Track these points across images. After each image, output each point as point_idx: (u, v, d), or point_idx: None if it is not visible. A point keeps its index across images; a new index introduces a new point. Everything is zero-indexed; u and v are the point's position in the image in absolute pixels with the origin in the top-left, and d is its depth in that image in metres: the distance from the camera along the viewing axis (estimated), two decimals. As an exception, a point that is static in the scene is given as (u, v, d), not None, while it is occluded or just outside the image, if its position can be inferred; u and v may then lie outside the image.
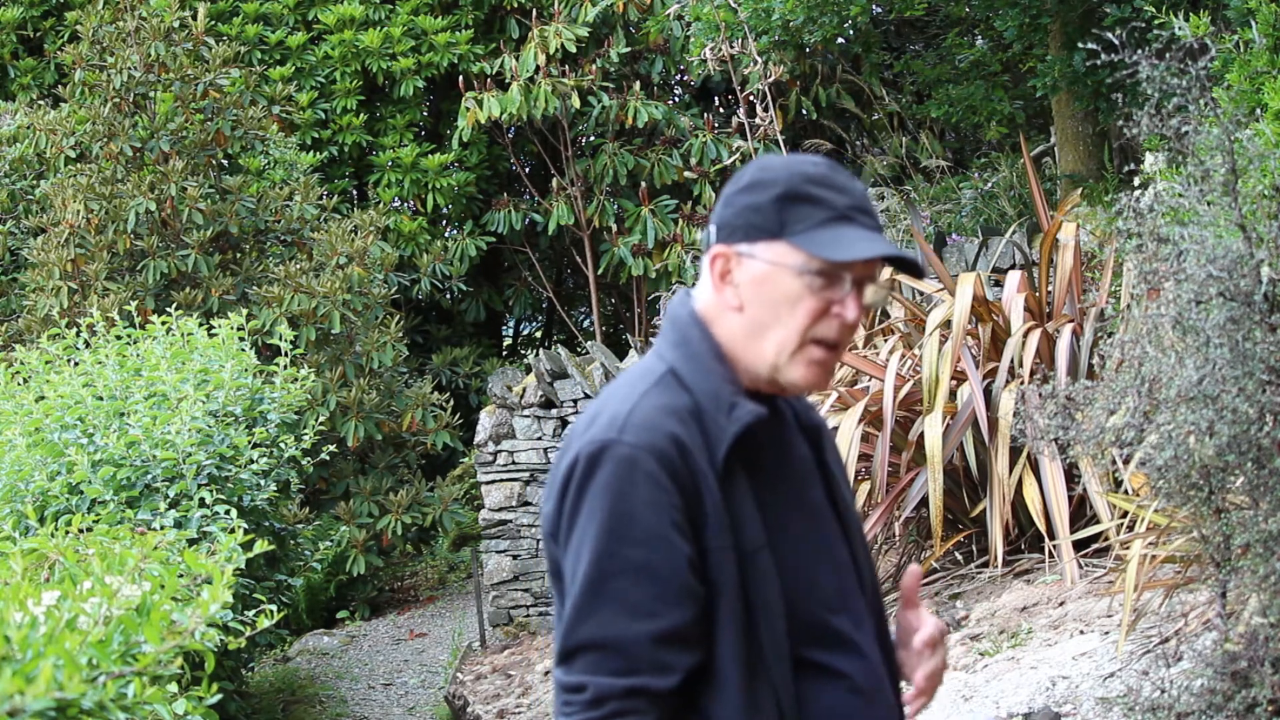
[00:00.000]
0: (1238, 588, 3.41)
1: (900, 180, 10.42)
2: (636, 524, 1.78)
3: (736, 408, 1.85)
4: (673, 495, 1.80)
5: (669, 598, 1.78)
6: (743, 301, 1.87)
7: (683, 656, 1.79)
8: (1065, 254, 5.97)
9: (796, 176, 1.86)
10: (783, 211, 1.85)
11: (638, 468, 1.79)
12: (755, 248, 1.86)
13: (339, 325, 9.39)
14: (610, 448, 1.81)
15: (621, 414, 1.84)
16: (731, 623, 1.81)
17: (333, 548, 9.12)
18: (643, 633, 1.77)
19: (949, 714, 4.52)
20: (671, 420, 1.83)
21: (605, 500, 1.80)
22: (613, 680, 1.77)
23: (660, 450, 1.80)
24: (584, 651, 1.79)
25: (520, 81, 10.83)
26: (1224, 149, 3.32)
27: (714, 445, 1.84)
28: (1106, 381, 3.57)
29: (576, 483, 1.83)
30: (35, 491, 5.40)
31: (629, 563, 1.78)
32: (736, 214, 1.88)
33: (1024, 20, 7.85)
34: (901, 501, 5.71)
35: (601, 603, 1.78)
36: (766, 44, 8.85)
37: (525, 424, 8.68)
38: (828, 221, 1.84)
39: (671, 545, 1.79)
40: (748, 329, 1.88)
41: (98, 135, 9.76)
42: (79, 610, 2.21)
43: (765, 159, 1.91)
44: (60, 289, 9.27)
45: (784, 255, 1.85)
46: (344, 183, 12.16)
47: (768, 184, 1.86)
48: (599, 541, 1.79)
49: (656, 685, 1.78)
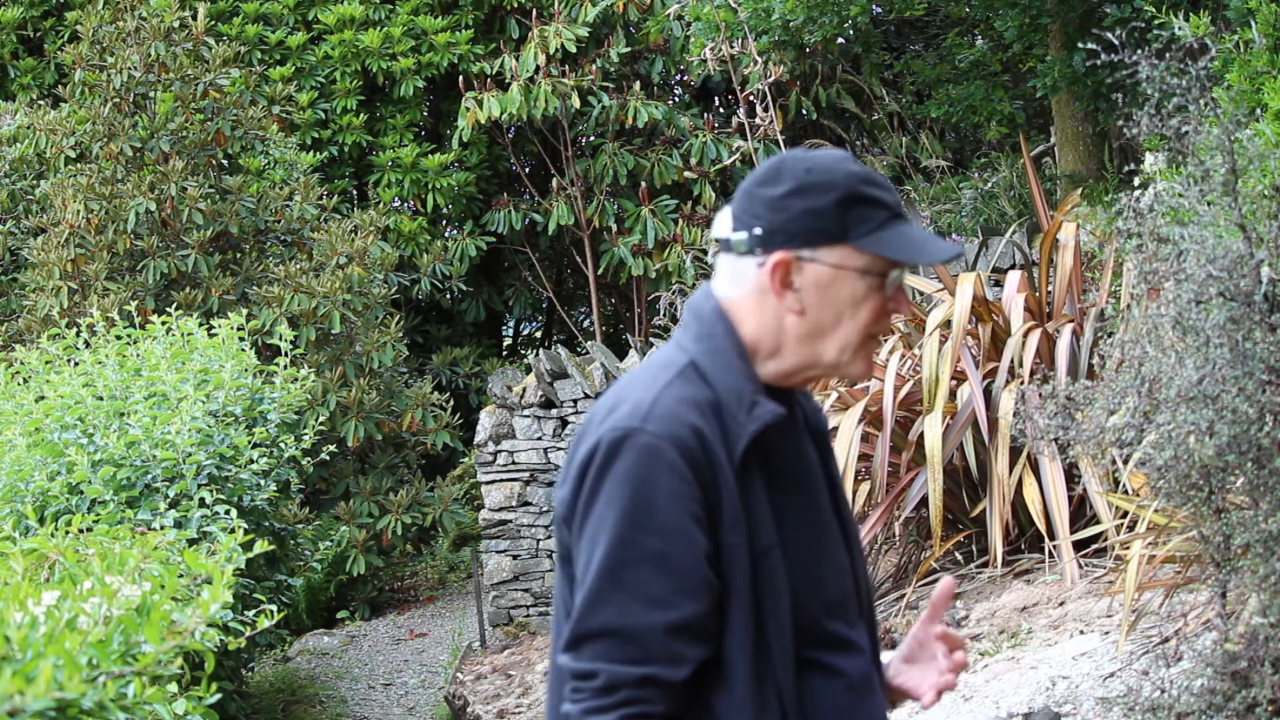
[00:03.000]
0: (1238, 588, 3.41)
1: (900, 180, 10.42)
2: (657, 513, 1.79)
3: (757, 406, 1.86)
4: (693, 487, 1.80)
5: (686, 589, 1.78)
6: (805, 305, 1.88)
7: (695, 649, 1.80)
8: (1065, 254, 5.97)
9: (852, 178, 1.86)
10: (845, 215, 1.85)
11: (660, 457, 1.80)
12: (818, 252, 1.86)
13: (339, 325, 9.39)
14: (633, 436, 1.81)
15: (645, 403, 1.84)
16: (741, 619, 1.82)
17: (333, 548, 9.13)
18: (658, 623, 1.77)
19: (949, 714, 4.52)
20: (693, 412, 1.83)
21: (626, 488, 1.80)
22: (626, 669, 1.77)
23: (683, 441, 1.81)
24: (597, 638, 1.79)
25: (520, 81, 10.83)
26: (1224, 149, 3.32)
27: (732, 441, 1.84)
28: (1106, 381, 3.57)
29: (596, 469, 1.82)
30: (35, 491, 5.40)
31: (647, 552, 1.78)
32: (793, 219, 1.86)
33: (1024, 20, 7.85)
34: (901, 501, 5.71)
35: (617, 590, 1.78)
36: (766, 44, 8.85)
37: (525, 424, 8.68)
38: (887, 222, 1.87)
39: (691, 537, 1.79)
40: (806, 330, 1.88)
41: (98, 135, 9.76)
42: (79, 610, 2.21)
43: (812, 160, 1.89)
44: (60, 289, 9.27)
45: (849, 258, 1.86)
46: (344, 183, 12.15)
47: (824, 187, 1.86)
48: (617, 529, 1.79)
49: (668, 676, 1.78)
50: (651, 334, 11.09)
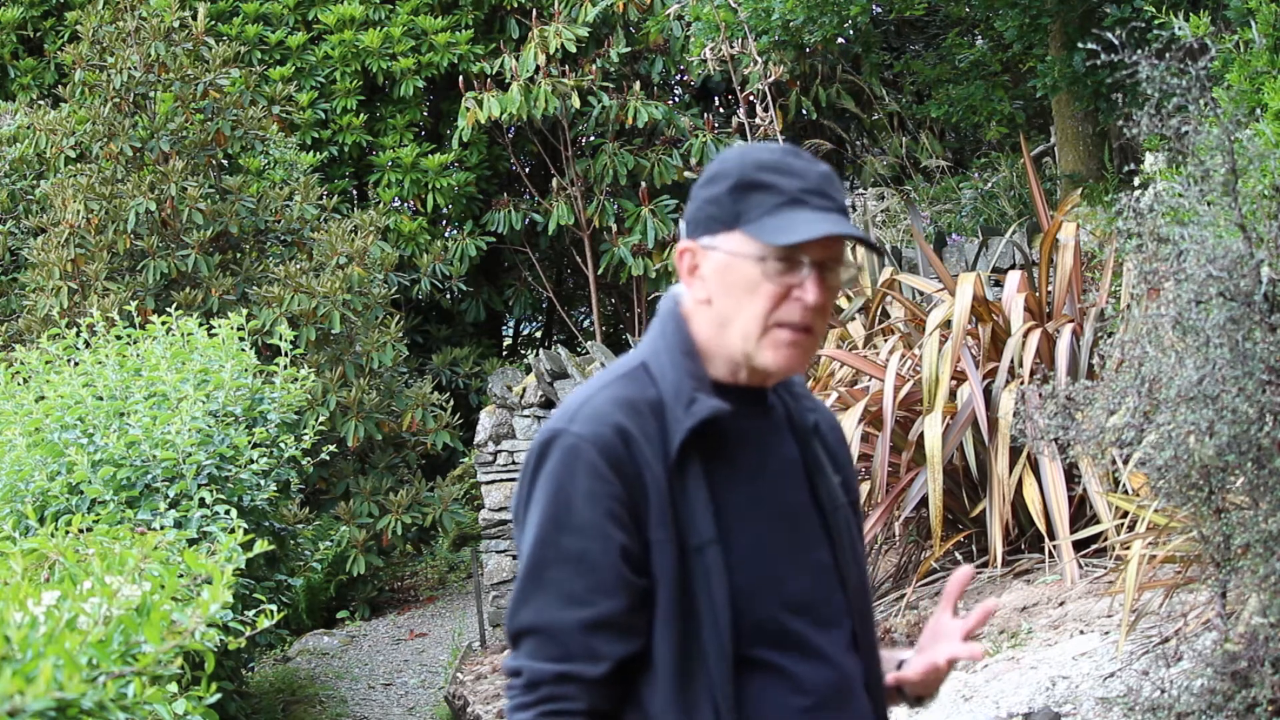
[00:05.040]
0: (1238, 588, 3.41)
1: (900, 180, 10.43)
2: (574, 513, 1.81)
3: (695, 403, 1.86)
4: (612, 485, 1.82)
5: (602, 586, 1.80)
6: (710, 294, 1.89)
7: (614, 645, 1.81)
8: (1065, 254, 5.97)
9: (749, 165, 1.87)
10: (737, 201, 1.86)
11: (579, 457, 1.82)
12: (715, 239, 1.87)
13: (339, 325, 9.39)
14: (559, 437, 1.84)
15: (575, 404, 1.87)
16: (668, 616, 1.82)
17: (333, 548, 9.13)
18: (574, 620, 1.80)
19: (949, 714, 4.52)
20: (620, 412, 1.85)
21: (549, 488, 1.83)
22: (545, 665, 1.80)
23: (603, 440, 1.82)
24: (523, 635, 1.83)
25: (520, 81, 10.83)
26: (1224, 149, 3.32)
27: (671, 438, 1.85)
28: (1106, 381, 3.57)
29: (529, 469, 1.87)
30: (35, 491, 5.40)
31: (565, 551, 1.81)
32: (699, 208, 1.90)
33: (1024, 20, 7.85)
34: (901, 501, 5.71)
35: (539, 589, 1.82)
36: (766, 44, 8.85)
37: (525, 424, 8.68)
38: (778, 207, 1.85)
39: (606, 535, 1.81)
40: (717, 320, 1.89)
41: (98, 135, 9.76)
42: (79, 610, 2.21)
43: (726, 152, 1.92)
44: (60, 289, 9.27)
45: (740, 244, 1.86)
46: (344, 183, 12.16)
47: (723, 176, 1.88)
48: (540, 528, 1.83)
49: (586, 673, 1.80)
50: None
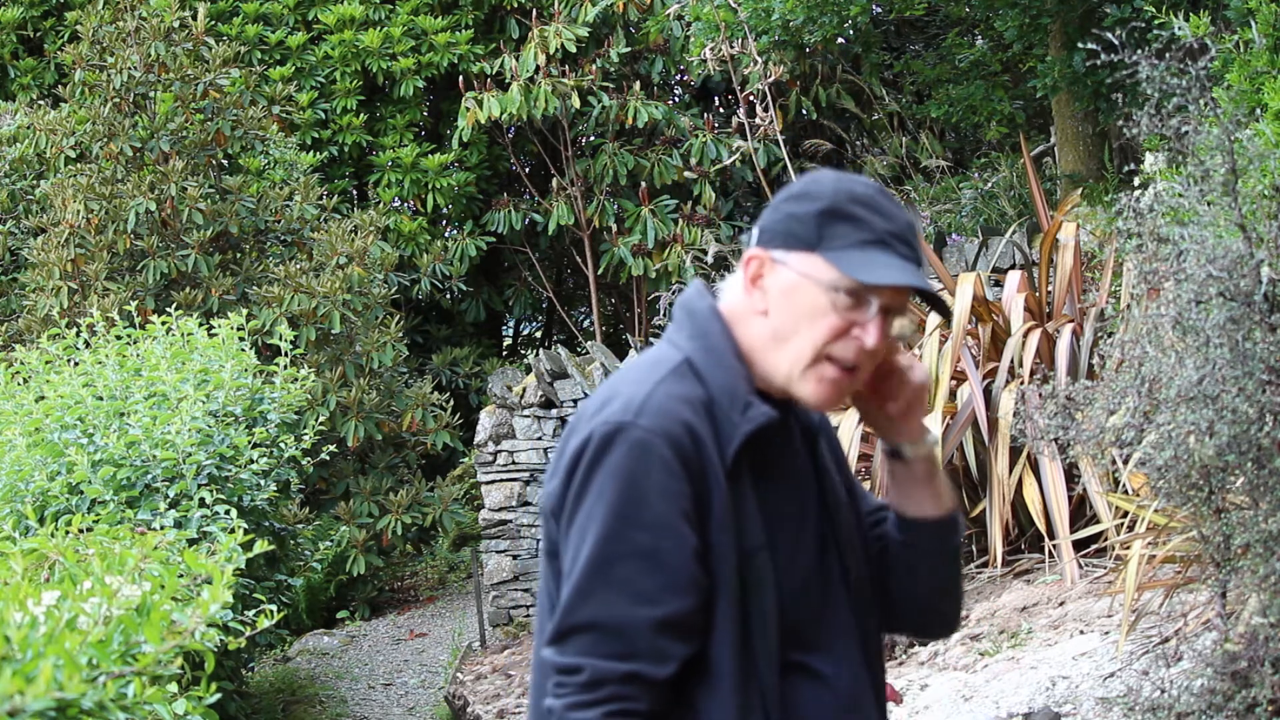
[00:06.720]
0: (1238, 588, 3.41)
1: (900, 180, 10.42)
2: (647, 509, 1.78)
3: (751, 407, 1.85)
4: (684, 484, 1.79)
5: (674, 585, 1.77)
6: (769, 307, 1.88)
7: (681, 646, 1.79)
8: (1065, 254, 5.97)
9: (843, 194, 1.86)
10: (822, 226, 1.85)
11: (652, 452, 1.79)
12: (790, 256, 1.86)
13: (339, 325, 9.39)
14: (625, 430, 1.80)
15: (638, 398, 1.83)
16: (728, 619, 1.81)
17: (333, 548, 9.13)
18: (645, 618, 1.76)
19: (949, 714, 4.52)
20: (687, 409, 1.82)
21: (616, 482, 1.78)
22: (611, 664, 1.76)
23: (675, 437, 1.80)
24: (582, 632, 1.78)
25: (520, 81, 10.83)
26: (1224, 149, 3.32)
27: (724, 441, 1.83)
28: (1106, 381, 3.57)
29: (587, 462, 1.81)
30: (35, 491, 5.40)
31: (636, 547, 1.77)
32: (780, 220, 1.89)
33: (1024, 20, 7.85)
34: (901, 501, 5.70)
35: (605, 585, 1.77)
36: (766, 44, 8.85)
37: (525, 424, 8.68)
38: (864, 243, 1.84)
39: (680, 533, 1.78)
40: (769, 335, 1.88)
41: (98, 135, 9.76)
42: (79, 610, 2.20)
43: (820, 173, 1.92)
44: (60, 289, 9.27)
45: (815, 268, 1.85)
46: (344, 183, 12.16)
47: (814, 196, 1.87)
48: (607, 523, 1.78)
49: (653, 673, 1.77)
50: (651, 334, 11.10)
